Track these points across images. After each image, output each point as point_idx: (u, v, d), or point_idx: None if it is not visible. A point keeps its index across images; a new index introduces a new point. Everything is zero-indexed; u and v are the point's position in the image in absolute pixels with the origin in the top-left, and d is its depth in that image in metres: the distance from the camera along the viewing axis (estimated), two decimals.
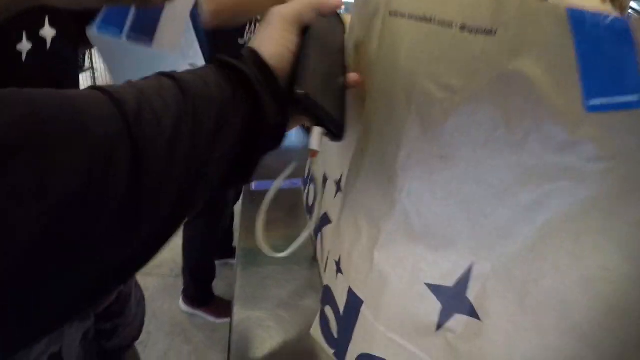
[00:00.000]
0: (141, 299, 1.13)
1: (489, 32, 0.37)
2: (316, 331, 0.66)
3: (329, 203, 0.71)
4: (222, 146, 0.38)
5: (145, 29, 0.74)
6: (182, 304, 2.05)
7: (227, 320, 1.90)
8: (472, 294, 0.44)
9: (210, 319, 2.00)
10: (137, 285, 1.10)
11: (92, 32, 0.74)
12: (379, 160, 0.48)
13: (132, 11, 0.75)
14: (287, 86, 0.43)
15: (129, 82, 0.36)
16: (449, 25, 0.40)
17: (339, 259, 0.58)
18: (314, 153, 0.46)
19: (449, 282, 0.45)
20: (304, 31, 0.46)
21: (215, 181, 0.39)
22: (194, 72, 0.39)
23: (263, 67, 0.41)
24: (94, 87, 0.33)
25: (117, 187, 0.29)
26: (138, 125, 0.31)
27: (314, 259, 0.85)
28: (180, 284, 2.03)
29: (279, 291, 0.79)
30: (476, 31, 0.38)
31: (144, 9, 0.73)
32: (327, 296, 0.62)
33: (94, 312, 0.89)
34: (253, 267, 0.84)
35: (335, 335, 0.60)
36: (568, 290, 0.38)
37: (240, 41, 1.50)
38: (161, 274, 2.24)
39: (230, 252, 2.20)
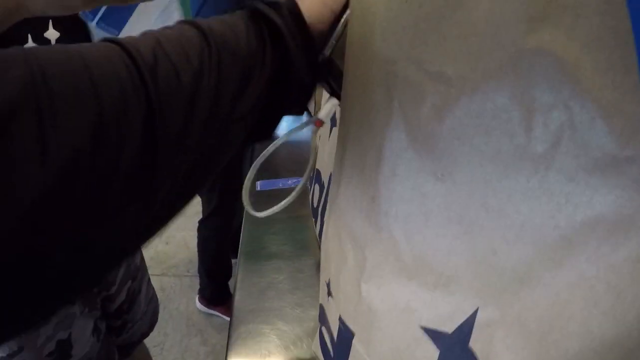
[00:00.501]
0: (153, 297, 1.16)
1: None
2: (317, 348, 0.62)
3: None
4: (246, 103, 0.36)
5: (115, 22, 0.79)
6: (198, 304, 2.05)
7: None
8: (476, 344, 0.37)
9: (227, 318, 2.02)
10: (149, 283, 1.13)
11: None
12: (359, 174, 0.40)
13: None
14: (319, 47, 0.42)
15: (147, 32, 0.34)
16: None
17: (329, 281, 0.53)
18: (319, 122, 0.45)
19: (448, 327, 0.38)
20: None
21: (237, 139, 0.38)
22: (223, 20, 0.38)
23: (299, 22, 0.40)
24: (107, 40, 0.31)
25: (129, 148, 0.28)
26: (154, 80, 0.30)
27: (319, 265, 0.82)
28: (196, 283, 2.05)
29: (280, 303, 0.76)
30: None
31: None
32: (322, 316, 0.57)
33: (102, 306, 0.93)
34: (254, 276, 0.83)
35: (333, 358, 0.56)
36: None
37: None
38: (177, 274, 2.25)
39: None
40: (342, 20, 0.42)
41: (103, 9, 0.75)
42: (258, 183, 1.07)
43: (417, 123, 0.33)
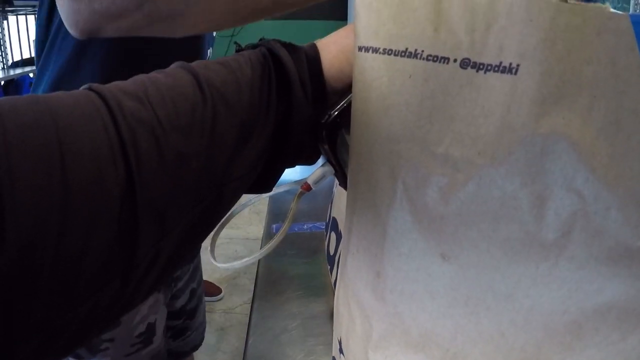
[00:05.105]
0: (204, 310, 1.16)
1: (507, 70, 0.26)
2: None
3: None
4: (243, 163, 0.32)
5: None
6: None
7: None
8: None
9: None
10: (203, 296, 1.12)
11: None
12: (365, 249, 0.38)
13: None
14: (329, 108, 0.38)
15: (137, 78, 0.30)
16: (444, 60, 0.28)
17: (340, 339, 0.51)
18: (306, 187, 0.43)
19: None
20: None
21: (234, 199, 0.34)
22: (227, 64, 0.33)
23: (314, 71, 0.36)
24: (91, 88, 0.28)
25: (103, 227, 0.24)
26: (135, 144, 0.26)
27: (332, 313, 0.81)
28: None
29: (292, 350, 0.75)
30: (486, 68, 0.27)
31: None
32: None
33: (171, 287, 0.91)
34: (267, 321, 0.81)
35: None
36: None
37: None
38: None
39: None
40: None
41: None
42: (274, 226, 1.05)
43: (422, 205, 0.31)
